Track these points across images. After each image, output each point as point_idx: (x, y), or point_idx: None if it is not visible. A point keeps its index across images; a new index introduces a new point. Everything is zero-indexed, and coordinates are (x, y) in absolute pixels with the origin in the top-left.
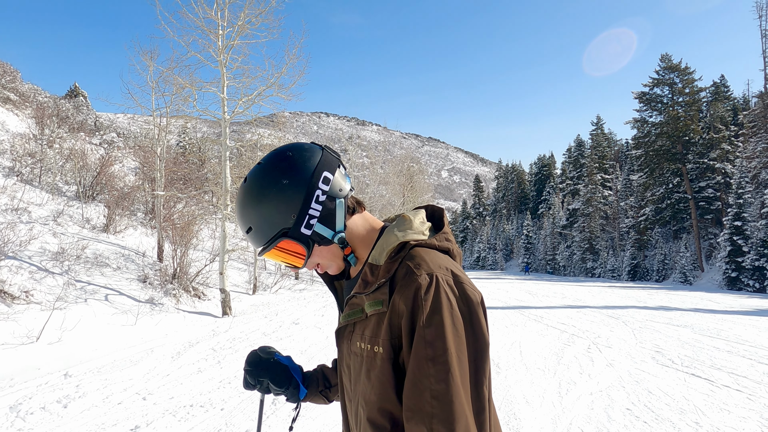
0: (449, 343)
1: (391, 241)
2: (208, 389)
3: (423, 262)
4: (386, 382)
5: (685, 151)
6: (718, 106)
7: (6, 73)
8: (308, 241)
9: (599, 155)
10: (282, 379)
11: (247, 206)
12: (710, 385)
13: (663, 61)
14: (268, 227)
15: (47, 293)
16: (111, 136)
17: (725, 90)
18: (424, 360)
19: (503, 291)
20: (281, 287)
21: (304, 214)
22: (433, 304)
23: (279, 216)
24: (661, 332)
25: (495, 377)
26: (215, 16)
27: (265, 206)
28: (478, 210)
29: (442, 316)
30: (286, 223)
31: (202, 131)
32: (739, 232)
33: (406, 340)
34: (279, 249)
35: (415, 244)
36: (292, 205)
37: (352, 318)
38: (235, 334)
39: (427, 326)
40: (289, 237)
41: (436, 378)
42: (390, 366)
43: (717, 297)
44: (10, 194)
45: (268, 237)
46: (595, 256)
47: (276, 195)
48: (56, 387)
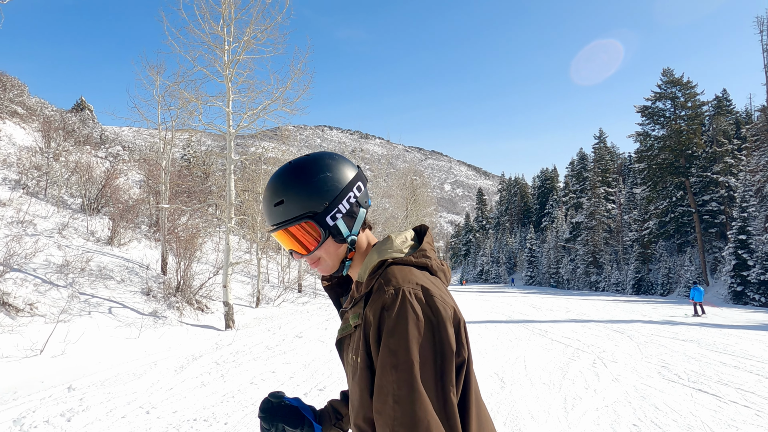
0: (412, 352)
1: (373, 259)
2: (212, 403)
3: (393, 278)
4: (365, 389)
5: (688, 165)
6: (720, 120)
7: (14, 87)
8: (327, 231)
9: (602, 169)
10: (295, 420)
11: (286, 182)
12: (718, 401)
13: (665, 75)
14: (300, 205)
15: (51, 306)
16: (116, 149)
17: (727, 104)
18: (388, 367)
19: (507, 305)
20: (284, 300)
21: (334, 207)
22: (396, 315)
23: (314, 199)
24: (667, 347)
25: (499, 392)
26: (221, 31)
27: (304, 187)
28: (481, 223)
29: (405, 327)
30: (317, 208)
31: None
32: (743, 245)
33: (374, 348)
34: (298, 228)
35: (391, 261)
36: (327, 195)
37: (345, 332)
38: (239, 348)
39: (390, 336)
40: (314, 221)
41: (398, 384)
42: (368, 374)
43: (723, 311)
44: (17, 207)
45: (295, 214)
46: (598, 269)
47: (317, 182)
48: (60, 400)
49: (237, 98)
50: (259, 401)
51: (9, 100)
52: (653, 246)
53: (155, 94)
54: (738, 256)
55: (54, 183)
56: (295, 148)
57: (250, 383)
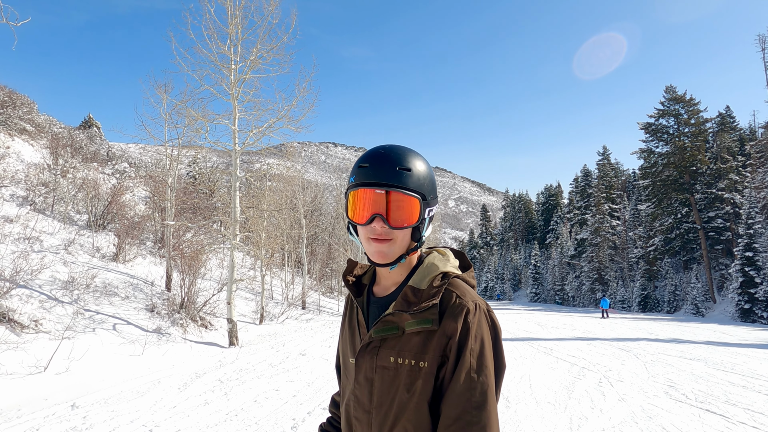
0: (489, 361)
1: (433, 270)
2: (215, 421)
3: (467, 292)
4: (426, 393)
5: (693, 181)
6: (724, 137)
7: (23, 105)
8: (422, 219)
9: (606, 185)
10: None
11: (416, 157)
12: (725, 422)
13: (668, 93)
14: (421, 183)
15: (56, 322)
16: (123, 165)
17: (731, 120)
18: (470, 373)
19: (512, 322)
20: (288, 317)
21: (434, 204)
22: (478, 326)
23: (429, 188)
24: (674, 366)
25: (504, 411)
26: (228, 51)
27: (428, 172)
28: (486, 239)
29: (484, 337)
30: (428, 196)
31: (212, 161)
32: (750, 262)
33: (453, 355)
34: (412, 199)
35: (454, 275)
36: (435, 191)
37: (383, 334)
38: (242, 365)
39: (475, 343)
40: (422, 204)
41: (480, 390)
42: (432, 380)
43: (730, 329)
44: (24, 223)
45: (416, 186)
46: (604, 286)
47: (432, 176)
48: (63, 418)
49: (243, 116)
50: (262, 420)
51: (18, 118)
52: (659, 263)
53: (162, 112)
54: (745, 273)
55: (61, 199)
56: (299, 165)
57: (254, 401)
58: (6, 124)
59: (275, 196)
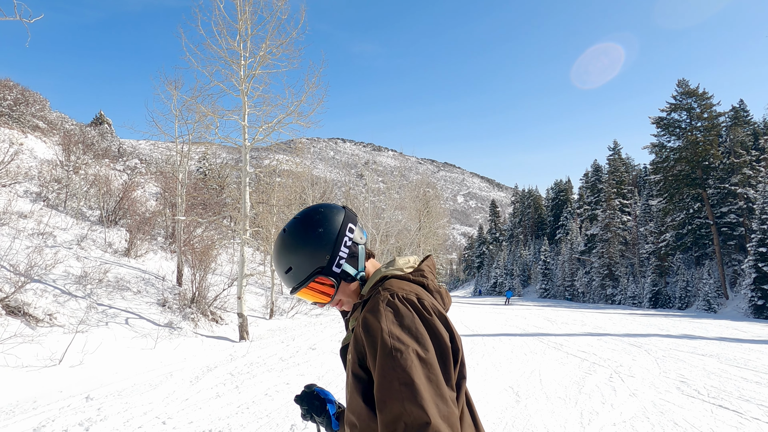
0: (409, 342)
1: (376, 276)
2: (227, 414)
3: (390, 286)
4: (355, 384)
5: (705, 176)
6: (738, 131)
7: (36, 102)
8: (337, 278)
9: (617, 180)
10: (318, 409)
11: (288, 250)
12: (739, 417)
13: (680, 86)
14: (307, 265)
15: (70, 316)
16: (134, 162)
17: (745, 114)
18: (389, 355)
19: (521, 318)
20: (298, 312)
21: (336, 255)
22: (391, 312)
23: (316, 257)
24: (686, 362)
25: (514, 406)
26: (238, 47)
27: (304, 249)
28: (495, 235)
29: (400, 321)
30: (321, 263)
31: (221, 157)
32: (764, 258)
33: (369, 344)
34: (314, 284)
35: (390, 276)
36: (326, 248)
37: (347, 340)
38: (253, 359)
39: (389, 329)
40: (323, 274)
41: (402, 368)
42: (359, 369)
43: (743, 326)
44: (37, 219)
45: (305, 274)
46: (614, 282)
47: (313, 240)
48: (78, 410)
49: (252, 112)
50: (273, 413)
51: (31, 115)
52: (670, 258)
53: (173, 108)
54: (758, 269)
55: (73, 195)
56: (308, 161)
57: (265, 395)
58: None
59: (284, 192)
